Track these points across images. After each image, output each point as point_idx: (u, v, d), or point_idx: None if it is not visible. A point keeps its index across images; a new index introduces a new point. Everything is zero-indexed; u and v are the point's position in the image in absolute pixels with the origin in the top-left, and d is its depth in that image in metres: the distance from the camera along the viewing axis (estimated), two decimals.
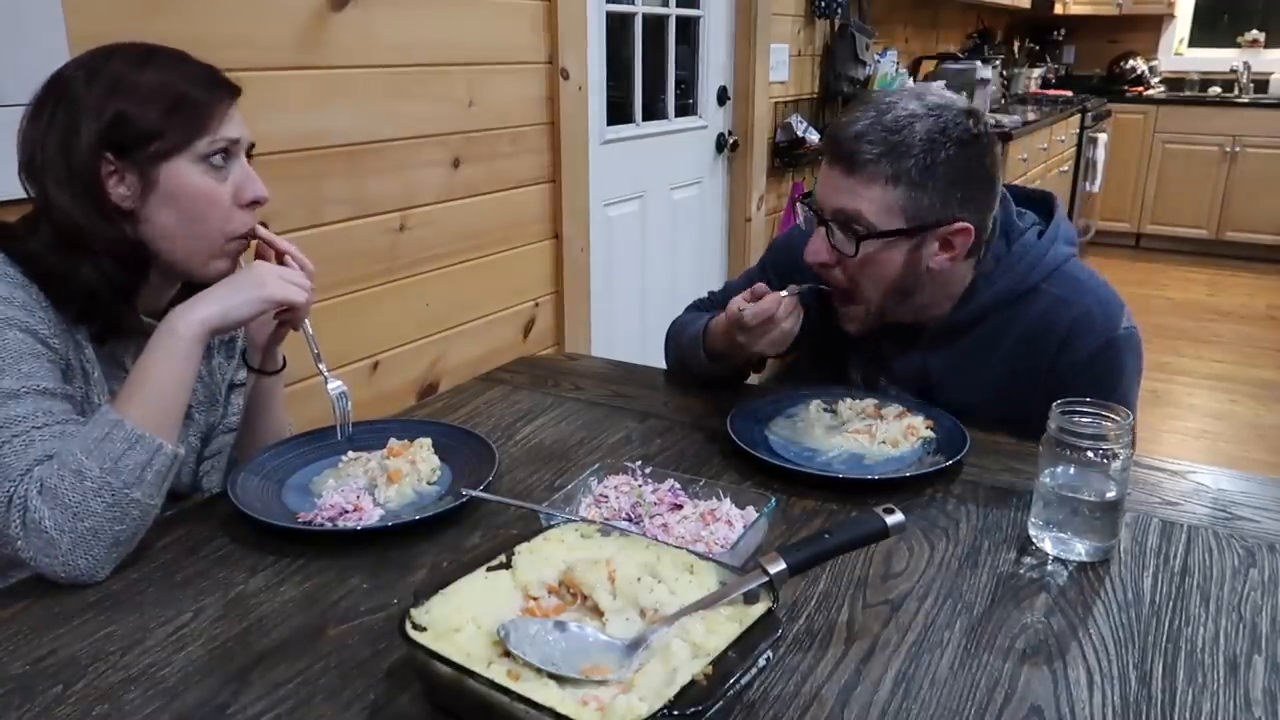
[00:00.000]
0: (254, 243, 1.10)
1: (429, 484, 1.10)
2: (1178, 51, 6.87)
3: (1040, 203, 1.39)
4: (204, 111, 1.02)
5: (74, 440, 0.93)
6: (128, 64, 1.01)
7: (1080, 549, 0.98)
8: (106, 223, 0.99)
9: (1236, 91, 6.37)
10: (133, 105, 0.99)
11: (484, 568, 0.81)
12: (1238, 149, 6.03)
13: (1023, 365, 1.28)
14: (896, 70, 4.18)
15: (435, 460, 1.13)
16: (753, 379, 1.52)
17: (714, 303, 1.58)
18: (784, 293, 1.25)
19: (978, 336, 1.31)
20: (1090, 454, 0.97)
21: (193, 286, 1.07)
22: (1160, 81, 6.78)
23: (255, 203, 1.06)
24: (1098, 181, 6.04)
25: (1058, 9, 6.65)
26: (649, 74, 2.97)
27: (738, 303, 1.27)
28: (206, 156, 1.02)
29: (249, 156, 1.09)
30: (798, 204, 1.29)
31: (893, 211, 1.19)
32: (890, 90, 1.19)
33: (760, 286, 1.27)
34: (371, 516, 1.03)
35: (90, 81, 0.99)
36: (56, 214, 0.98)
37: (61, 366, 1.01)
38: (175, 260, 1.05)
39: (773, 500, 0.99)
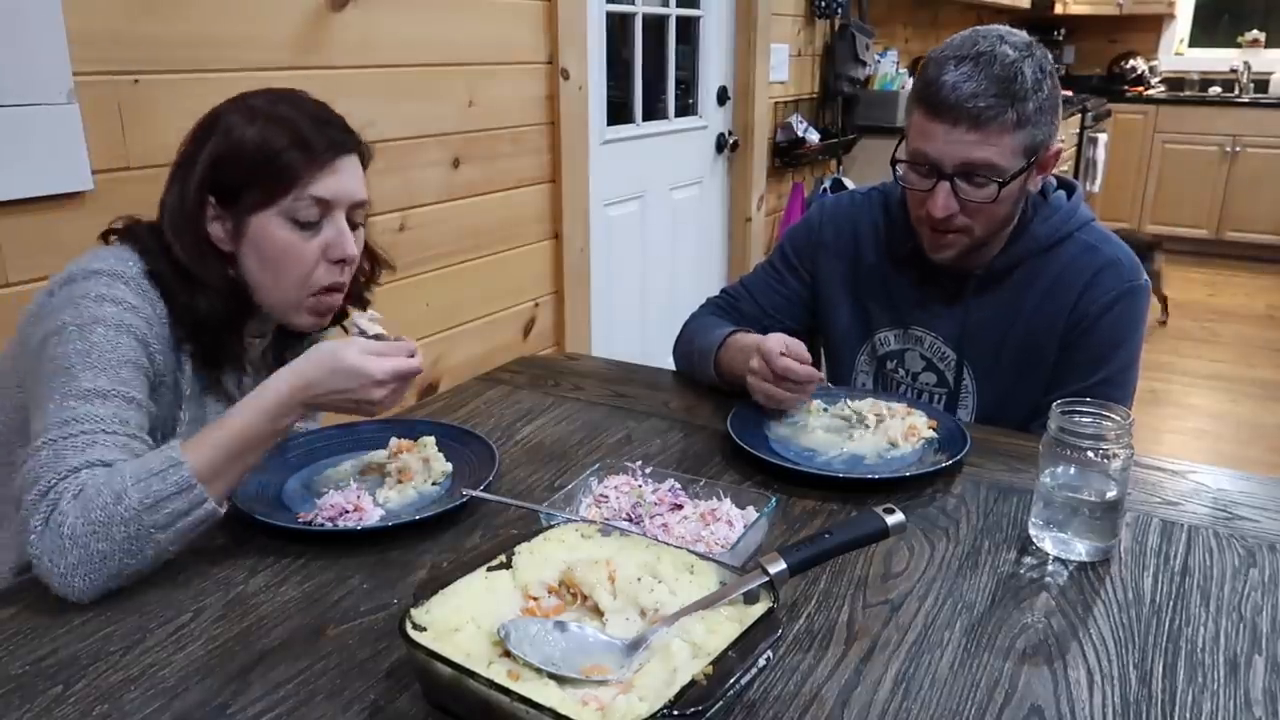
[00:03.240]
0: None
1: (431, 484, 1.10)
2: (1178, 51, 6.87)
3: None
4: (291, 172, 1.04)
5: (131, 464, 0.92)
6: (245, 117, 1.05)
7: (1080, 549, 0.98)
8: (207, 261, 1.06)
9: (1236, 91, 6.37)
10: (229, 156, 1.04)
11: (484, 568, 0.81)
12: (1238, 149, 6.03)
13: (1049, 307, 1.35)
14: (896, 70, 4.18)
15: (445, 462, 1.13)
16: None
17: (729, 305, 1.57)
18: (822, 375, 1.27)
19: (1015, 281, 1.37)
20: (1090, 454, 0.97)
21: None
22: (1160, 81, 6.78)
23: (342, 261, 1.09)
24: (1098, 181, 6.03)
25: (1058, 9, 6.66)
26: (649, 74, 2.98)
27: (778, 346, 1.24)
28: (292, 213, 1.05)
29: (356, 216, 1.11)
30: (894, 166, 1.32)
31: (1017, 153, 1.25)
32: (966, 39, 1.25)
33: (798, 348, 1.24)
34: (371, 516, 1.03)
35: (221, 127, 1.05)
36: (174, 250, 1.05)
37: (154, 382, 1.04)
38: (264, 304, 1.10)
39: (773, 500, 0.99)
